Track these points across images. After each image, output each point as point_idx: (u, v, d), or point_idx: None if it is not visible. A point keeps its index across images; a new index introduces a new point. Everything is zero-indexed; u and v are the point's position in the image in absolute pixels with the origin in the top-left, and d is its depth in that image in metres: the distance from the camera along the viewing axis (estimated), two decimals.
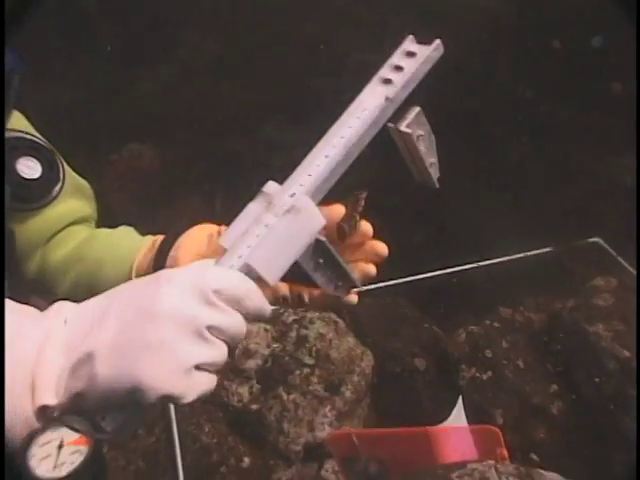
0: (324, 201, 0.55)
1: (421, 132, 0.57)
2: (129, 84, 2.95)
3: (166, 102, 2.92)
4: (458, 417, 1.89)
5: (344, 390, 2.07)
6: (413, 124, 0.56)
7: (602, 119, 2.73)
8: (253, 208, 0.52)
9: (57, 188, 0.75)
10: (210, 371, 0.48)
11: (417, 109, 0.57)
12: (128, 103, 2.88)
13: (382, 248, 0.59)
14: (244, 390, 2.01)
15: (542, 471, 1.47)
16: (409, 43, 0.57)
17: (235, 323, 0.48)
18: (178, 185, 2.69)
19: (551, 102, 2.86)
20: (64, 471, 0.68)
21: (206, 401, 1.98)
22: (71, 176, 0.81)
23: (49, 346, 0.46)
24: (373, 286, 2.27)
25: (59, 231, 0.79)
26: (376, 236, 0.59)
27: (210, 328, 0.46)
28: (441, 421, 1.85)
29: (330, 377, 2.07)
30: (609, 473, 1.71)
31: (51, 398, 0.45)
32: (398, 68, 0.55)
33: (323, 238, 0.53)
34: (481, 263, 2.48)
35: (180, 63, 3.00)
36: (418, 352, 2.31)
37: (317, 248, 0.52)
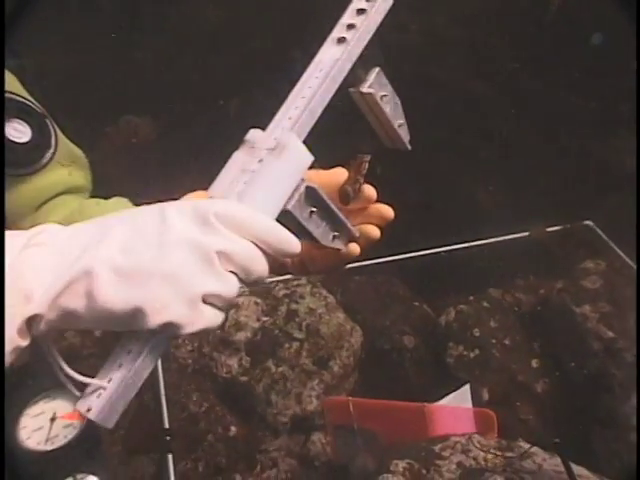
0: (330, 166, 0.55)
1: (384, 92, 0.56)
2: (125, 53, 2.92)
3: (163, 73, 2.89)
4: (462, 400, 1.89)
5: (332, 365, 2.09)
6: (375, 84, 0.55)
7: (594, 98, 2.73)
8: (238, 156, 0.51)
9: (48, 155, 0.72)
10: (217, 306, 0.45)
11: (377, 69, 0.56)
12: (124, 74, 2.85)
13: (387, 210, 0.58)
14: (233, 362, 2.03)
15: (523, 444, 1.50)
16: (358, 1, 0.56)
17: (243, 249, 0.45)
18: (175, 157, 2.68)
19: (540, 79, 2.85)
20: (56, 444, 0.67)
21: (195, 371, 2.01)
22: (65, 144, 0.78)
23: (37, 252, 0.43)
24: (364, 263, 2.28)
25: (50, 199, 0.76)
26: (379, 200, 0.59)
27: (219, 254, 0.43)
28: (433, 401, 1.87)
29: (319, 352, 2.09)
30: (589, 449, 1.74)
31: (40, 307, 0.42)
32: (350, 26, 0.54)
33: (315, 185, 0.51)
34: (473, 243, 2.49)
35: (177, 32, 2.96)
36: (407, 330, 2.33)
37: (309, 196, 0.51)
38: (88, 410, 0.43)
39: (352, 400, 1.81)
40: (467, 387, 1.90)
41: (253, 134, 0.52)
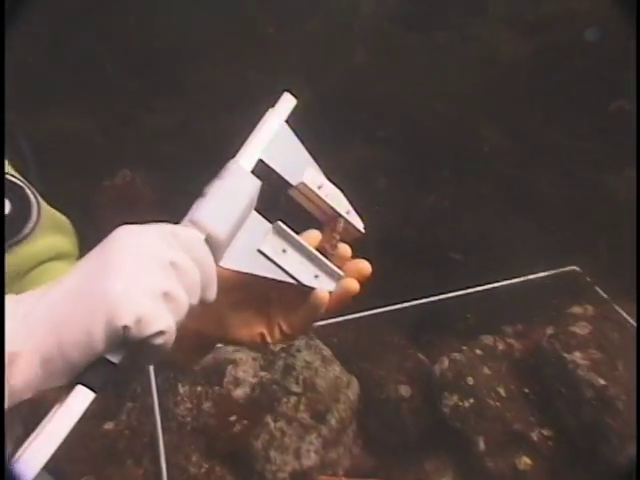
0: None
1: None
2: (129, 117, 3.01)
3: (164, 133, 2.98)
4: None
5: (330, 418, 2.11)
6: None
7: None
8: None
9: (30, 225, 0.72)
10: (174, 310, 0.46)
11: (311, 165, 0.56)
12: (124, 132, 2.94)
13: (364, 266, 0.57)
14: (232, 418, 2.04)
15: None
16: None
17: (190, 269, 0.47)
18: (170, 212, 2.73)
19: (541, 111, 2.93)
20: None
21: (194, 429, 2.01)
22: (48, 212, 0.78)
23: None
24: (358, 315, 2.32)
25: (35, 266, 0.76)
26: (357, 256, 0.59)
27: (173, 265, 0.46)
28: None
29: (316, 405, 2.11)
30: None
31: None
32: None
33: (280, 222, 0.53)
34: (464, 291, 2.55)
35: (179, 96, 3.07)
36: (403, 379, 2.36)
37: (278, 234, 0.52)
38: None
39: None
40: None
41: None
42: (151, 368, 2.05)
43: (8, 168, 0.77)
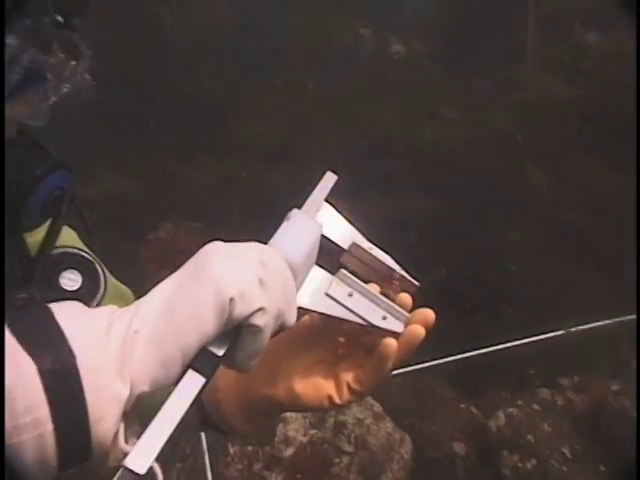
0: None
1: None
2: (173, 172, 3.08)
3: (207, 187, 3.04)
4: None
5: (384, 479, 2.02)
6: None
7: None
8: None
9: (98, 297, 0.77)
10: (270, 298, 0.48)
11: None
12: (167, 187, 2.99)
13: (428, 313, 0.57)
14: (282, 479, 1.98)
15: None
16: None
17: (277, 273, 0.50)
18: None
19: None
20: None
21: None
22: (113, 284, 0.83)
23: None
24: (408, 369, 2.25)
25: None
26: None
27: (262, 263, 0.49)
28: None
29: (370, 465, 2.03)
30: None
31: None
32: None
33: (345, 271, 0.55)
34: (515, 342, 2.45)
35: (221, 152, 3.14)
36: (457, 435, 2.27)
37: (344, 281, 0.55)
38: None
39: None
40: None
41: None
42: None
43: (76, 241, 0.81)
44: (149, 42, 3.25)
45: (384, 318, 0.55)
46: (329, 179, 0.64)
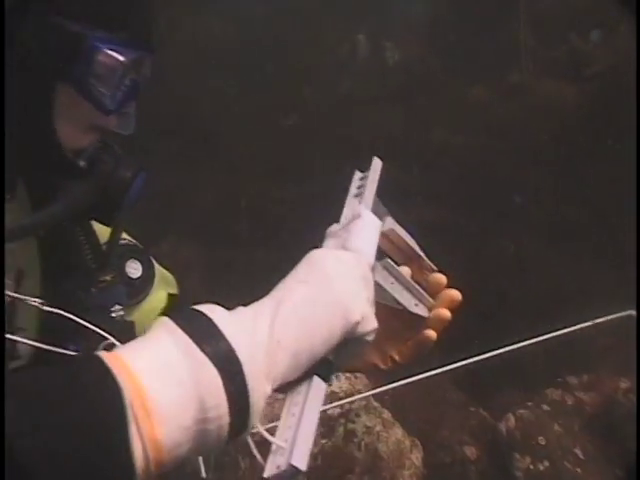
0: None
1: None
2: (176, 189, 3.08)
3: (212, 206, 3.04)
4: None
5: None
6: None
7: None
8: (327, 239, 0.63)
9: (155, 283, 0.88)
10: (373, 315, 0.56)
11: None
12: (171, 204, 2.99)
13: (456, 294, 0.64)
14: None
15: None
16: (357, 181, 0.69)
17: (372, 285, 0.57)
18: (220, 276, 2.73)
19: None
20: None
21: None
22: (160, 271, 0.92)
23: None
24: (418, 377, 2.24)
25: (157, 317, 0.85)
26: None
27: (364, 278, 0.56)
28: None
29: (381, 473, 2.02)
30: None
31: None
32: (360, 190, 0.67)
33: (389, 261, 0.61)
34: (521, 344, 2.44)
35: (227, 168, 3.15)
36: (467, 439, 2.25)
37: (387, 271, 0.60)
38: (278, 467, 0.46)
39: None
40: None
41: (331, 228, 0.63)
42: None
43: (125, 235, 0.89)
44: None
45: (416, 305, 0.63)
46: (377, 165, 0.69)
